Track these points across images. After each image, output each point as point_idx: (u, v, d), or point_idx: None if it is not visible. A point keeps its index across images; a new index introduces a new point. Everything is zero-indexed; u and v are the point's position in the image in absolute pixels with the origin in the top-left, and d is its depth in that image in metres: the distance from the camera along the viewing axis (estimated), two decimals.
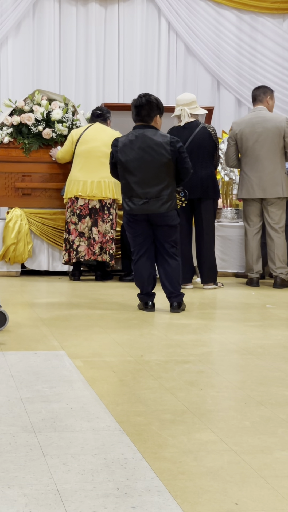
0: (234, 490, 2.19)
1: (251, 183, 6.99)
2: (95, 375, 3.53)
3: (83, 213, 7.09)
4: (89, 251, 7.11)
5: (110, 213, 7.12)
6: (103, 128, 7.18)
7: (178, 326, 4.87)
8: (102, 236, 7.11)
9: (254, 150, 6.97)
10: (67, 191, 7.15)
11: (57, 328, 4.69)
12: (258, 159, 6.96)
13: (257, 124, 6.98)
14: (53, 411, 2.92)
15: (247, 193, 7.02)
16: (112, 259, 7.15)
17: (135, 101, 5.37)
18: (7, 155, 7.51)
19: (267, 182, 6.95)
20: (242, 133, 7.01)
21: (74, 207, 7.11)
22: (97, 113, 7.30)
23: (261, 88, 7.19)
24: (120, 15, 9.62)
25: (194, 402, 3.11)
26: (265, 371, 3.69)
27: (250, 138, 6.97)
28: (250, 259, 7.08)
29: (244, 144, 7.01)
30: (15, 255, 7.37)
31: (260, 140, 6.95)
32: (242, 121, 7.11)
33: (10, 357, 3.84)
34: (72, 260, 7.14)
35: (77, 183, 7.07)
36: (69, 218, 7.14)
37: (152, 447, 2.55)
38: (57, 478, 2.25)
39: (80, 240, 7.10)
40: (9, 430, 2.69)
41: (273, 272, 7.05)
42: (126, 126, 7.02)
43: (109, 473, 2.29)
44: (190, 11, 9.64)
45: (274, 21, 9.91)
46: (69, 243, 7.13)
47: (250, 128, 6.99)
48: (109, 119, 7.34)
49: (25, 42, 9.39)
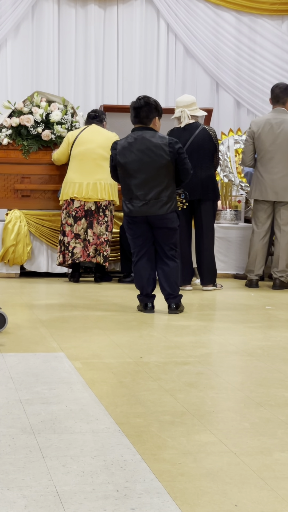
0: (233, 492, 2.19)
1: (264, 185, 6.96)
2: (95, 376, 3.52)
3: (79, 215, 7.09)
4: (84, 253, 7.10)
5: (106, 215, 7.11)
6: (99, 130, 7.18)
7: (177, 328, 4.87)
8: (97, 238, 7.11)
9: (270, 152, 6.94)
10: (63, 193, 7.14)
11: (56, 329, 4.69)
12: (273, 161, 6.93)
13: (275, 125, 6.94)
14: (52, 413, 2.92)
15: (260, 195, 7.00)
16: (106, 261, 7.13)
17: (134, 103, 5.38)
18: (6, 157, 7.51)
19: (280, 185, 6.93)
20: (261, 133, 6.96)
21: (70, 208, 7.10)
22: (93, 115, 7.30)
23: (285, 90, 7.05)
24: (119, 17, 9.62)
25: (193, 403, 3.11)
26: (265, 373, 3.68)
27: (268, 139, 6.93)
28: (252, 260, 7.06)
29: (261, 144, 6.96)
30: (14, 256, 7.37)
31: (278, 142, 6.92)
32: (261, 121, 7.03)
33: (9, 358, 3.83)
34: (67, 262, 7.13)
35: (73, 185, 7.07)
36: (64, 220, 7.14)
37: (151, 448, 2.55)
38: (57, 480, 2.25)
39: (76, 242, 7.09)
40: (8, 431, 2.69)
41: (274, 274, 7.05)
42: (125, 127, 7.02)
43: (109, 475, 2.29)
44: (189, 12, 9.64)
45: (273, 22, 9.91)
46: (64, 245, 7.13)
47: (268, 129, 6.94)
48: (105, 121, 7.34)
49: (24, 44, 9.39)
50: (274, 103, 7.06)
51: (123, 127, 7.35)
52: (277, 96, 7.02)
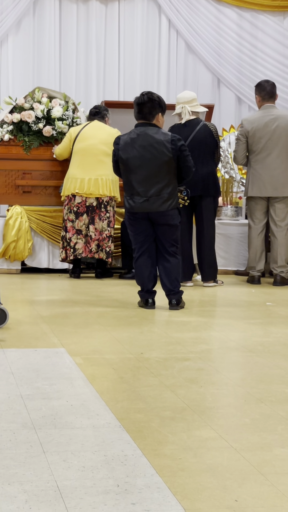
0: (233, 487, 2.19)
1: (263, 181, 6.95)
2: (95, 372, 3.53)
3: (80, 211, 7.10)
4: (86, 249, 7.11)
5: (108, 211, 7.11)
6: (101, 126, 7.18)
7: (178, 324, 4.88)
8: (99, 234, 7.11)
9: (267, 148, 6.94)
10: (65, 188, 7.15)
11: (57, 325, 4.70)
12: (270, 157, 6.93)
13: (270, 122, 6.94)
14: (53, 408, 2.93)
15: (258, 191, 6.99)
16: (109, 256, 7.14)
17: (137, 99, 5.37)
18: (7, 153, 7.51)
19: (279, 181, 6.93)
20: (255, 130, 6.96)
21: (71, 204, 7.11)
22: (95, 111, 7.30)
23: (274, 85, 7.08)
24: (121, 13, 9.61)
25: (194, 399, 3.12)
26: (265, 369, 3.69)
27: (264, 136, 6.93)
28: (253, 257, 7.06)
29: (256, 141, 6.96)
30: (15, 252, 7.37)
31: (274, 138, 6.92)
32: (254, 119, 7.02)
33: (10, 354, 3.84)
34: (70, 258, 7.14)
35: (74, 181, 7.07)
36: (66, 216, 7.14)
37: (152, 444, 2.55)
38: (57, 474, 2.25)
39: (78, 237, 7.10)
40: (9, 427, 2.70)
41: (274, 270, 7.05)
42: (126, 123, 7.02)
43: (109, 470, 2.30)
44: (191, 8, 9.63)
45: (274, 18, 9.90)
46: (66, 241, 7.14)
47: (263, 126, 6.94)
48: (107, 117, 7.33)
49: (26, 40, 9.38)
50: (264, 99, 7.06)
51: (124, 123, 7.35)
52: (269, 92, 7.04)
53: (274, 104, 7.08)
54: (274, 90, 7.07)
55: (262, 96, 7.06)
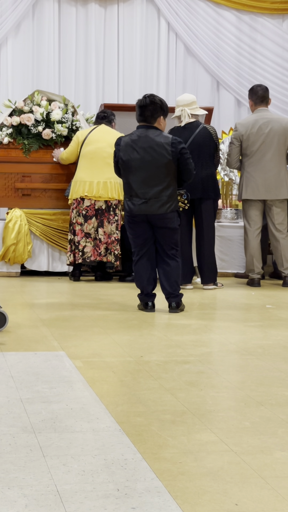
0: (234, 491, 2.19)
1: (256, 184, 6.97)
2: (95, 375, 3.52)
3: (89, 214, 7.09)
4: (95, 252, 7.10)
5: (116, 214, 7.12)
6: (108, 130, 7.19)
7: (178, 327, 4.87)
8: (107, 237, 7.12)
9: (260, 151, 6.95)
10: (73, 191, 7.14)
11: (57, 328, 4.69)
12: (264, 160, 6.95)
13: (263, 125, 6.96)
14: (53, 412, 2.92)
15: (252, 194, 7.01)
16: (117, 259, 7.15)
17: (139, 101, 5.38)
18: (6, 156, 7.51)
19: (272, 183, 6.95)
20: (249, 134, 6.97)
21: (80, 207, 7.10)
22: (103, 115, 7.31)
23: (266, 89, 7.14)
24: (120, 16, 9.62)
25: (194, 402, 3.11)
26: (265, 372, 3.69)
27: (257, 140, 6.95)
28: (250, 260, 7.07)
29: (250, 145, 6.98)
30: (15, 255, 7.37)
31: (267, 141, 6.94)
32: (248, 122, 7.04)
33: (10, 357, 3.83)
34: (78, 261, 7.12)
35: (83, 184, 7.07)
36: (74, 219, 7.13)
37: (152, 447, 2.55)
38: (57, 479, 2.25)
39: (87, 241, 7.09)
40: (9, 431, 2.69)
41: (282, 272, 7.12)
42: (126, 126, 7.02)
43: (109, 474, 2.29)
44: (190, 11, 9.64)
45: (273, 21, 9.91)
46: (75, 244, 7.13)
47: (256, 129, 6.96)
48: (114, 122, 7.35)
49: (25, 43, 9.39)
50: (257, 103, 7.09)
51: (124, 125, 7.36)
52: (262, 96, 7.08)
53: (267, 108, 7.12)
54: (266, 95, 7.11)
55: (254, 101, 7.11)
